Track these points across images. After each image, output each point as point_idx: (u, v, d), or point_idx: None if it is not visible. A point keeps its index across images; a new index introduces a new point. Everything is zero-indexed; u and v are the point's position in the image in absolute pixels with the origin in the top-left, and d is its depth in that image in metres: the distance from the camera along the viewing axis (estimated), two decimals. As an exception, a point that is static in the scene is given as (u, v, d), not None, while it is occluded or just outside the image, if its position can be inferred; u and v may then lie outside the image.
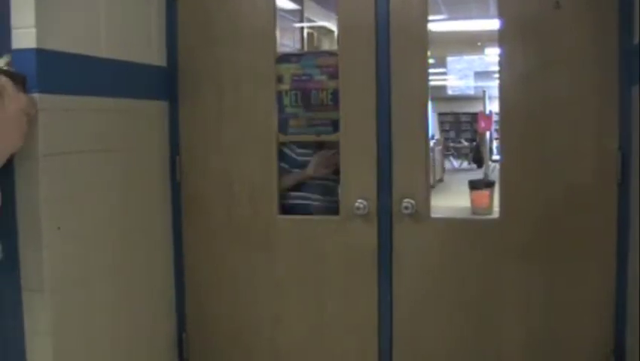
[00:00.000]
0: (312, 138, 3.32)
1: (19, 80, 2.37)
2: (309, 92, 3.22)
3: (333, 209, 3.25)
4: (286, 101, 3.25)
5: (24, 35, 2.44)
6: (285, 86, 3.25)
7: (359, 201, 3.09)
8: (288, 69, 3.24)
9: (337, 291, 3.21)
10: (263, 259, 3.28)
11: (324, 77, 3.20)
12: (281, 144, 3.30)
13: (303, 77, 3.22)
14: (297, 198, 3.40)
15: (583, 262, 2.93)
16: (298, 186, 3.43)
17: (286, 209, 3.33)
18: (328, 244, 3.20)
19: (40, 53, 2.45)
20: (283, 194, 3.34)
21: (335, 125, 3.18)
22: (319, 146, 3.45)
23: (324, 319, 3.23)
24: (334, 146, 3.23)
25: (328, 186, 3.42)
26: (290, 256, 3.25)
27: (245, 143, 3.22)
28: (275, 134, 3.23)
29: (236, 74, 3.25)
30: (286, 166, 3.38)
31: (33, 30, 2.43)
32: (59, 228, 2.55)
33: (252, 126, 3.22)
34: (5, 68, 2.35)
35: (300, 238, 3.25)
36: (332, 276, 3.21)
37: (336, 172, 3.22)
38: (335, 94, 3.17)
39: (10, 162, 2.43)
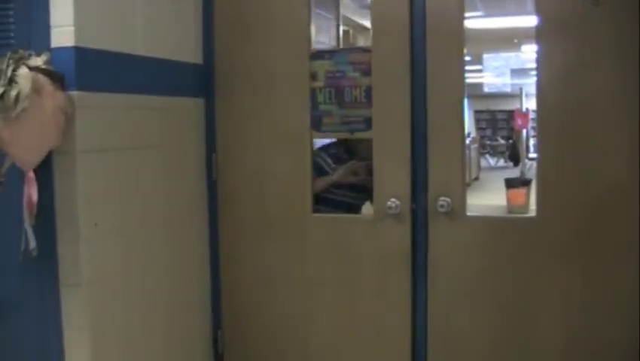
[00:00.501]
0: (345, 135, 3.31)
1: (57, 79, 2.40)
2: (342, 89, 3.21)
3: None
4: (320, 98, 3.24)
5: (63, 34, 2.47)
6: (319, 83, 3.24)
7: (392, 200, 3.08)
8: (322, 66, 3.23)
9: (370, 291, 3.21)
10: (297, 257, 3.28)
11: (357, 74, 3.18)
12: (315, 154, 3.31)
13: (337, 74, 3.21)
14: (338, 194, 3.41)
15: (621, 261, 2.88)
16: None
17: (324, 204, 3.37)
18: (361, 244, 3.19)
19: (78, 51, 2.48)
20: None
21: (368, 123, 3.16)
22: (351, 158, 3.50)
23: (357, 319, 3.22)
24: (367, 158, 3.24)
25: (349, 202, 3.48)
26: (323, 255, 3.25)
27: (279, 140, 3.22)
28: (309, 132, 3.23)
29: (270, 71, 3.25)
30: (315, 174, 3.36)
31: (72, 28, 2.47)
32: (96, 224, 2.58)
33: (286, 123, 3.22)
34: (43, 66, 2.39)
35: (333, 237, 3.24)
36: (365, 275, 3.20)
37: (361, 187, 3.26)
38: (368, 91, 3.16)
39: (48, 158, 2.47)
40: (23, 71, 2.30)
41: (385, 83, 3.10)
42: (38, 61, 2.38)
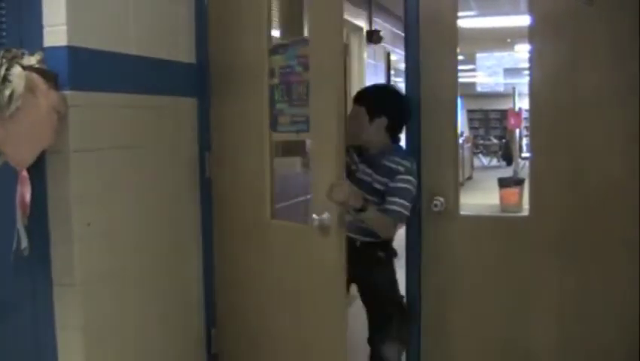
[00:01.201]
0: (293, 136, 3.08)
1: (51, 78, 2.40)
2: (290, 86, 2.93)
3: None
4: (276, 95, 3.01)
5: (55, 33, 2.47)
6: (275, 80, 3.02)
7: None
8: (277, 61, 3.01)
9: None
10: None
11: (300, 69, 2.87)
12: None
13: (287, 70, 2.95)
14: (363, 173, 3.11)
15: (615, 259, 2.89)
16: None
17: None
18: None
19: (71, 50, 2.48)
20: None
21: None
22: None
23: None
24: None
25: None
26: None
27: (251, 141, 3.16)
28: (269, 132, 3.07)
29: (251, 69, 3.13)
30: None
31: (64, 28, 2.46)
32: (89, 224, 2.58)
33: (255, 124, 3.13)
34: (37, 65, 2.38)
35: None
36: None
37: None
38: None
39: (41, 158, 2.46)
40: (17, 70, 2.30)
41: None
42: (32, 60, 2.37)
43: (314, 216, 2.63)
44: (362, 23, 6.79)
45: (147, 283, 2.94)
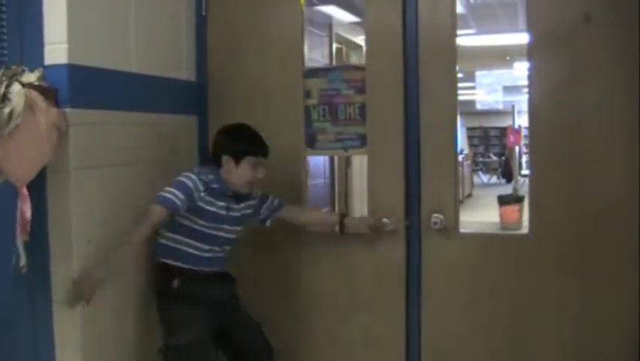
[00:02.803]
0: (340, 152, 3.31)
1: (50, 95, 2.41)
2: (336, 107, 3.21)
3: None
4: (314, 115, 3.25)
5: (56, 51, 2.48)
6: (313, 101, 3.25)
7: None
8: (316, 83, 3.24)
9: (366, 305, 3.21)
10: (293, 271, 3.29)
11: (351, 92, 3.19)
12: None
13: (331, 92, 3.22)
14: None
15: (615, 277, 2.88)
16: None
17: None
18: (357, 259, 3.20)
19: (71, 68, 2.49)
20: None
21: (363, 140, 3.17)
22: None
23: (352, 332, 3.23)
24: None
25: None
26: (319, 270, 3.26)
27: (273, 157, 3.22)
28: (304, 149, 3.25)
29: (265, 89, 3.26)
30: None
31: (65, 46, 2.48)
32: (89, 241, 2.58)
33: (280, 141, 3.23)
34: (36, 83, 2.39)
35: (328, 251, 3.25)
36: (361, 290, 3.21)
37: None
38: (362, 108, 3.17)
39: (42, 175, 2.46)
40: (16, 87, 2.31)
41: (379, 100, 3.12)
42: (32, 77, 2.38)
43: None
44: (360, 40, 6.82)
45: (146, 300, 2.93)
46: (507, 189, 12.63)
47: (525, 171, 13.74)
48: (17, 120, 2.27)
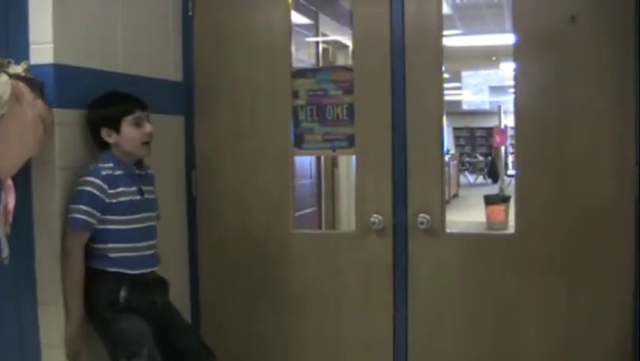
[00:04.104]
0: (328, 152, 3.32)
1: (37, 87, 2.39)
2: (324, 107, 3.22)
3: None
4: (301, 116, 3.25)
5: (42, 51, 2.47)
6: (301, 101, 3.25)
7: (374, 216, 3.09)
8: (304, 84, 3.24)
9: (352, 305, 3.21)
10: (279, 272, 3.28)
11: (339, 92, 3.20)
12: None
13: (319, 92, 3.22)
14: None
15: (600, 277, 2.90)
16: None
17: None
18: (344, 259, 3.20)
19: (57, 68, 2.47)
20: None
21: (351, 140, 3.17)
22: None
23: (339, 333, 3.23)
24: None
25: None
26: (305, 270, 3.26)
27: (260, 158, 3.23)
28: (292, 149, 3.24)
29: (251, 89, 3.26)
30: None
31: (50, 45, 2.46)
32: (75, 242, 2.56)
33: (268, 141, 3.23)
34: (23, 74, 2.37)
35: (316, 252, 3.25)
36: (347, 290, 3.21)
37: None
38: (350, 109, 3.17)
39: (27, 174, 2.44)
40: (3, 78, 2.29)
41: (367, 100, 3.12)
42: (18, 69, 2.36)
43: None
44: (348, 41, 6.83)
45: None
46: (493, 189, 12.67)
47: (511, 171, 13.79)
48: (3, 110, 2.25)
